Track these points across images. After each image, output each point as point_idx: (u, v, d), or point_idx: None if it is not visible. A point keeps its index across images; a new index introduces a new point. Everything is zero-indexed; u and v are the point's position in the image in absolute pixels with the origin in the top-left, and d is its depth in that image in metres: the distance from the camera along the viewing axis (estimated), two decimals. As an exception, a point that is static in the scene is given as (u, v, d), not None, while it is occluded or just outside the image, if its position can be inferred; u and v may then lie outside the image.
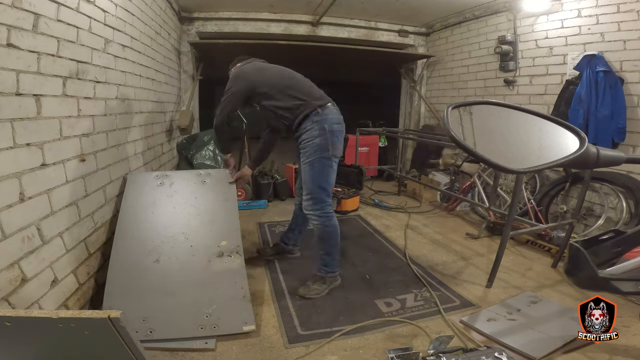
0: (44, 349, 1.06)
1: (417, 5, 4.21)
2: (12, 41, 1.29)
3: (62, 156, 1.62)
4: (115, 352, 1.04)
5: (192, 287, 1.86)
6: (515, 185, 2.33)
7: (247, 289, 1.88)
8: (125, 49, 2.35)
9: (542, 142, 0.81)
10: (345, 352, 1.62)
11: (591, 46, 2.98)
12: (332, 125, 1.98)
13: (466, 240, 3.06)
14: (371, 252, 2.75)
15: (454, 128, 0.76)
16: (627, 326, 1.76)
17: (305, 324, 1.82)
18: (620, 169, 2.68)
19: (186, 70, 4.32)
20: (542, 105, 3.37)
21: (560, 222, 2.77)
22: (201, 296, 1.81)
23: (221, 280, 1.91)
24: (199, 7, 4.25)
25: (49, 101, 1.51)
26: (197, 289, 1.85)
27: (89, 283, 1.82)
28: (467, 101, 0.83)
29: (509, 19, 3.78)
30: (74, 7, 1.70)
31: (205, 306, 1.75)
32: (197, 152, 3.85)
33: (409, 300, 2.05)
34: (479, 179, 3.57)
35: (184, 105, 4.25)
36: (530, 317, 1.85)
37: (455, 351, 1.48)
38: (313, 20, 4.60)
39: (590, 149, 0.73)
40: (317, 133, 1.96)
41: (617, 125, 2.75)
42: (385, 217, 3.68)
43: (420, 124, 5.42)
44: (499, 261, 2.20)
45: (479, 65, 4.27)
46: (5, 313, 0.97)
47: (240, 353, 1.60)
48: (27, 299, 1.34)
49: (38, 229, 1.43)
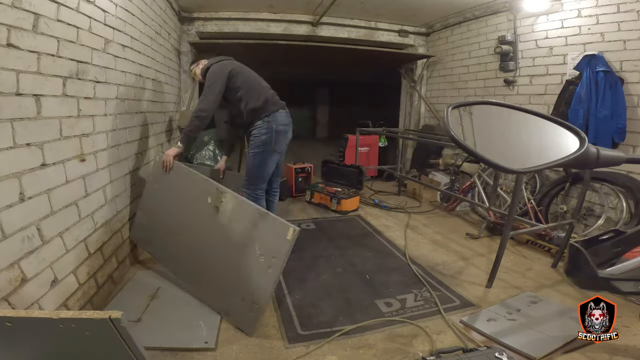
0: (44, 350, 1.06)
1: (417, 5, 4.21)
2: (12, 41, 1.29)
3: (62, 156, 1.62)
4: (116, 352, 1.04)
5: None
6: (515, 185, 2.33)
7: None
8: (125, 49, 2.34)
9: (542, 142, 0.81)
10: (345, 352, 1.62)
11: (591, 46, 2.98)
12: (278, 126, 2.37)
13: (466, 240, 3.06)
14: (371, 252, 2.75)
15: (454, 128, 0.76)
16: (627, 326, 1.76)
17: (305, 324, 1.82)
18: (620, 169, 2.68)
19: (186, 70, 4.31)
20: (542, 105, 3.37)
21: (560, 222, 2.77)
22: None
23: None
24: (199, 7, 4.25)
25: (49, 101, 1.51)
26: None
27: (89, 283, 1.82)
28: (467, 101, 0.83)
29: (509, 19, 3.78)
30: (74, 7, 1.70)
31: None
32: (197, 152, 3.85)
33: (409, 300, 2.06)
34: (479, 179, 3.57)
35: (184, 105, 4.25)
36: (530, 317, 1.85)
37: (455, 351, 1.48)
38: (313, 20, 4.59)
39: (590, 149, 0.73)
40: (264, 131, 2.34)
41: (617, 125, 2.75)
42: (385, 217, 3.68)
43: (420, 124, 5.42)
44: (499, 261, 2.20)
45: (479, 65, 4.26)
46: (6, 313, 0.97)
47: (240, 353, 1.60)
48: (27, 299, 1.34)
49: (38, 229, 1.43)
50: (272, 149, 2.38)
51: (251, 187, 2.44)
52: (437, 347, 1.62)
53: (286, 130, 2.44)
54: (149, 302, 1.94)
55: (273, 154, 2.41)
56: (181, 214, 2.15)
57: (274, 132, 2.35)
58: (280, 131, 2.38)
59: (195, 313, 1.86)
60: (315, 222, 3.42)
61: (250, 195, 2.43)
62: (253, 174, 2.43)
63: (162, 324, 1.76)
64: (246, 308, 1.75)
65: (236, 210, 1.89)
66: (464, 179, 3.90)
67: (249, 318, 1.75)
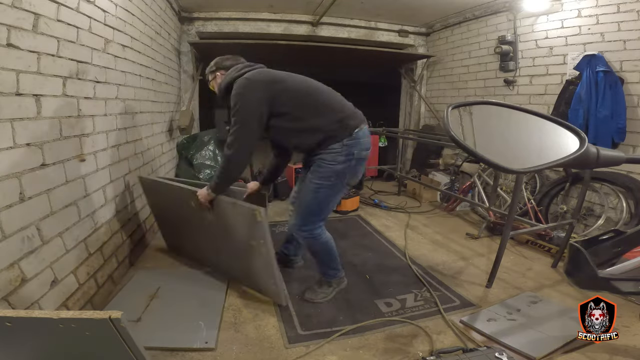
0: (44, 350, 1.06)
1: (417, 5, 4.21)
2: (12, 41, 1.29)
3: (62, 156, 1.62)
4: (116, 352, 1.04)
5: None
6: (515, 185, 2.33)
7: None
8: (125, 49, 2.35)
9: (542, 142, 0.81)
10: (345, 352, 1.62)
11: (591, 46, 2.98)
12: (361, 152, 1.76)
13: (466, 240, 3.06)
14: (371, 252, 2.75)
15: (454, 128, 0.76)
16: (627, 326, 1.76)
17: (305, 324, 1.82)
18: (620, 169, 2.68)
19: (186, 70, 4.32)
20: (542, 105, 3.37)
21: (560, 222, 2.77)
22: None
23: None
24: (199, 7, 4.25)
25: (49, 101, 1.51)
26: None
27: (89, 283, 1.82)
28: (467, 101, 0.83)
29: (509, 19, 3.78)
30: (74, 7, 1.70)
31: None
32: (197, 152, 3.85)
33: (409, 300, 2.06)
34: (479, 179, 3.57)
35: (184, 105, 4.25)
36: (530, 317, 1.85)
37: (455, 351, 1.48)
38: (313, 20, 4.59)
39: (590, 149, 0.73)
40: (342, 159, 1.73)
41: (617, 125, 2.74)
42: (385, 217, 3.68)
43: (420, 124, 5.42)
44: (499, 261, 2.20)
45: (479, 65, 4.26)
46: (6, 313, 0.97)
47: (240, 353, 1.60)
48: (27, 299, 1.34)
49: (38, 229, 1.43)
50: (345, 181, 1.80)
51: (305, 228, 1.85)
52: (437, 347, 1.62)
53: (367, 156, 1.83)
54: (149, 302, 1.94)
55: (344, 188, 1.84)
56: (186, 219, 2.27)
57: (355, 160, 1.76)
58: (362, 158, 1.79)
59: (195, 313, 1.86)
60: (315, 222, 3.42)
61: (306, 239, 1.90)
62: (314, 210, 1.83)
63: (162, 324, 1.76)
64: (270, 286, 1.95)
65: (216, 208, 1.96)
66: (464, 179, 3.90)
67: (274, 292, 1.96)
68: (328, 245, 1.95)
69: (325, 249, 1.96)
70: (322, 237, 1.91)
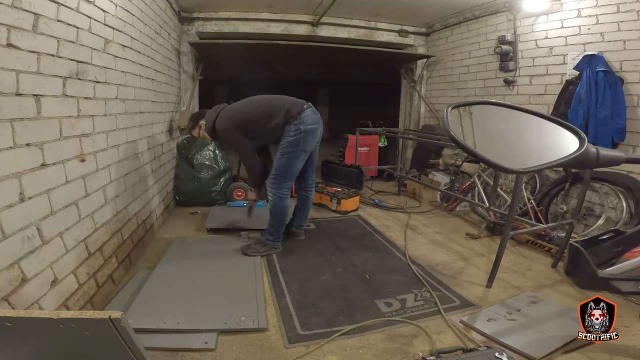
0: (44, 350, 1.06)
1: (417, 5, 4.21)
2: (12, 41, 1.29)
3: (62, 156, 1.62)
4: (116, 352, 1.04)
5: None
6: (515, 185, 2.33)
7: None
8: (125, 49, 2.34)
9: (542, 142, 0.81)
10: (345, 352, 1.62)
11: (591, 46, 2.98)
12: (307, 127, 2.44)
13: (466, 240, 3.06)
14: (371, 252, 2.75)
15: (454, 128, 0.76)
16: (627, 326, 1.76)
17: (305, 324, 1.82)
18: (620, 169, 2.68)
19: (186, 70, 4.32)
20: (542, 105, 3.37)
21: (560, 222, 2.77)
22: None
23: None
24: (199, 7, 4.25)
25: (49, 101, 1.51)
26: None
27: (89, 283, 1.82)
28: (467, 101, 0.83)
29: (509, 19, 3.78)
30: (74, 7, 1.70)
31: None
32: (197, 152, 3.85)
33: (409, 300, 2.05)
34: (479, 179, 3.57)
35: (184, 105, 4.25)
36: (530, 317, 1.85)
37: (455, 351, 1.48)
38: (313, 20, 4.59)
39: (590, 149, 0.72)
40: (293, 134, 2.42)
41: (617, 125, 2.74)
42: (385, 217, 3.68)
43: (420, 124, 5.42)
44: (499, 261, 2.20)
45: (479, 65, 4.26)
46: (6, 313, 0.97)
47: (240, 353, 1.60)
48: (27, 299, 1.34)
49: (38, 229, 1.43)
50: (300, 149, 2.45)
51: (276, 186, 2.50)
52: (437, 347, 1.62)
53: (314, 129, 2.48)
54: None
55: (301, 154, 2.48)
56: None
57: (303, 133, 2.42)
58: (308, 131, 2.44)
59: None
60: (315, 222, 3.42)
61: (275, 195, 2.51)
62: (280, 171, 2.49)
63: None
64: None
65: None
66: (464, 179, 3.90)
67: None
68: (284, 211, 2.57)
69: (280, 212, 2.56)
70: (284, 200, 2.54)
